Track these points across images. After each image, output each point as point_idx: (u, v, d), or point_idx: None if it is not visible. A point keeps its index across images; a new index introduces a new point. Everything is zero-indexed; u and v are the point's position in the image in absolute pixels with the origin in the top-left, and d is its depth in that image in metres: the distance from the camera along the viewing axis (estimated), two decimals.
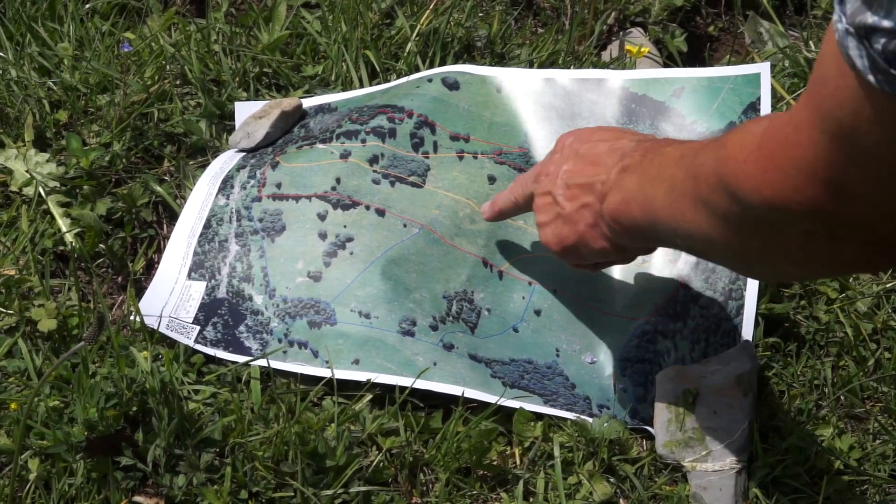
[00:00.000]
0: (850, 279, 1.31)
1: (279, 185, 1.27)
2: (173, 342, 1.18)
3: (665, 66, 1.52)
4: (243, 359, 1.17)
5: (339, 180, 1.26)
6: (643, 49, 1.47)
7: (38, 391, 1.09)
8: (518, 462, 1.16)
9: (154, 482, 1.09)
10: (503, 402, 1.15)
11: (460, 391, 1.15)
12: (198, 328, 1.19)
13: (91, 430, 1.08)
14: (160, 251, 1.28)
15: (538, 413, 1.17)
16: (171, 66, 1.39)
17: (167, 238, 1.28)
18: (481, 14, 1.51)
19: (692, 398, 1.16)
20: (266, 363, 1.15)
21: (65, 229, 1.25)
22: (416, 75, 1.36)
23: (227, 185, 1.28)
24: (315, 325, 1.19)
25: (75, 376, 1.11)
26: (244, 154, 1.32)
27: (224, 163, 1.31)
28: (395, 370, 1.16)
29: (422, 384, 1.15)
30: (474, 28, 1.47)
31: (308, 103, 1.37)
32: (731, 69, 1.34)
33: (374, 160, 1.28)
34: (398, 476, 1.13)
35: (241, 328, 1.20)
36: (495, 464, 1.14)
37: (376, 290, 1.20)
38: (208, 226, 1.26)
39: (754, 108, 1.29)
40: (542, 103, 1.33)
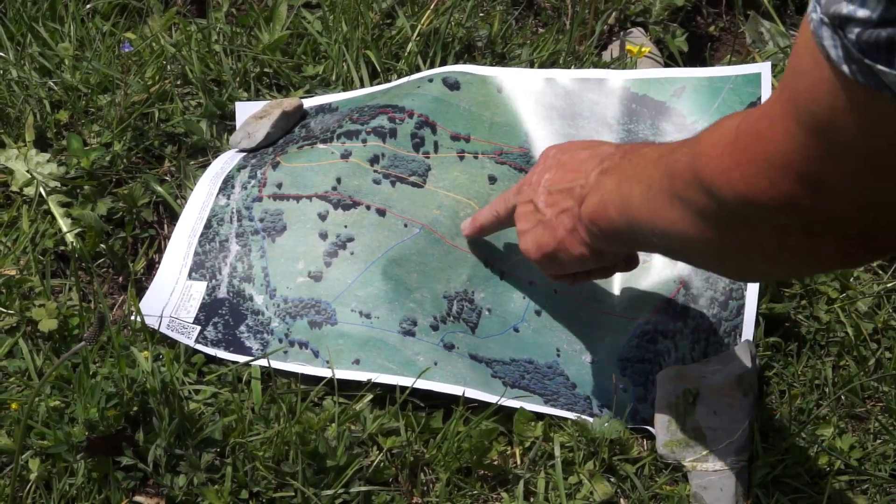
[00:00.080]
0: (851, 279, 1.31)
1: (280, 185, 1.27)
2: (174, 342, 1.18)
3: (666, 65, 1.52)
4: (244, 359, 1.17)
5: (339, 180, 1.26)
6: (644, 49, 1.47)
7: (39, 391, 1.09)
8: (519, 462, 1.16)
9: (155, 482, 1.09)
10: (504, 402, 1.15)
11: (461, 391, 1.15)
12: (198, 328, 1.19)
13: (92, 430, 1.08)
14: (161, 251, 1.28)
15: (539, 413, 1.17)
16: (172, 66, 1.39)
17: (168, 238, 1.28)
18: (482, 14, 1.51)
19: (692, 398, 1.16)
20: (267, 363, 1.15)
21: (65, 229, 1.25)
22: (417, 75, 1.36)
23: (227, 185, 1.28)
24: (316, 325, 1.19)
25: (76, 376, 1.11)
26: (245, 154, 1.32)
27: (225, 163, 1.31)
28: (396, 370, 1.16)
29: (422, 384, 1.15)
30: (475, 28, 1.47)
31: (309, 103, 1.37)
32: (731, 69, 1.34)
33: (374, 160, 1.28)
34: (399, 476, 1.13)
35: (242, 328, 1.20)
36: (496, 464, 1.14)
37: (377, 290, 1.20)
38: (209, 226, 1.26)
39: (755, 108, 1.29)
40: (543, 103, 1.33)
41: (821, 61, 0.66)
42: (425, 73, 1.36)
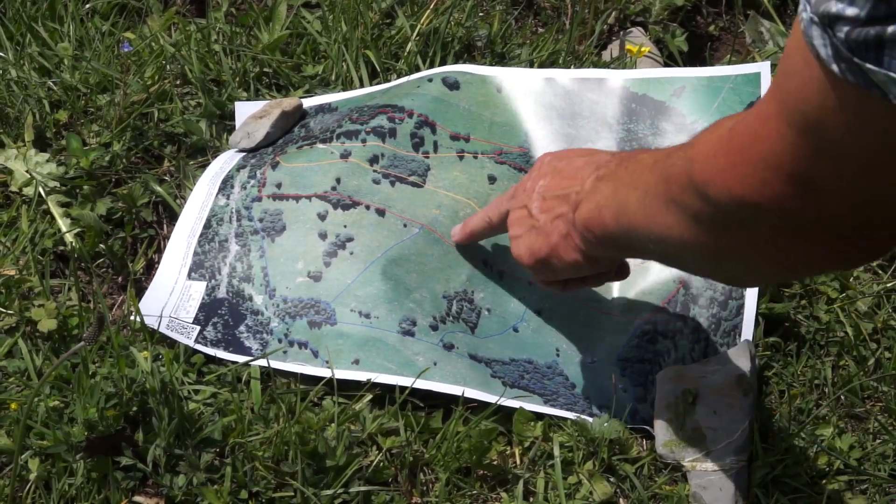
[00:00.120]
0: (850, 279, 1.31)
1: (279, 185, 1.27)
2: (173, 342, 1.18)
3: (665, 65, 1.52)
4: (243, 359, 1.17)
5: (339, 180, 1.26)
6: (644, 49, 1.47)
7: (38, 391, 1.09)
8: (518, 462, 1.16)
9: (154, 482, 1.09)
10: (503, 401, 1.15)
11: (460, 391, 1.15)
12: (198, 328, 1.19)
13: (91, 430, 1.08)
14: (160, 251, 1.28)
15: (538, 413, 1.17)
16: (172, 65, 1.39)
17: (167, 238, 1.28)
18: (481, 14, 1.51)
19: (692, 398, 1.16)
20: (266, 363, 1.15)
21: (65, 229, 1.25)
22: (417, 75, 1.36)
23: (227, 185, 1.28)
24: (315, 325, 1.19)
25: (75, 376, 1.11)
26: (244, 154, 1.32)
27: (224, 163, 1.31)
28: (396, 370, 1.16)
29: (422, 384, 1.15)
30: (475, 28, 1.47)
31: (308, 103, 1.37)
32: (731, 69, 1.34)
33: (374, 160, 1.28)
34: (398, 476, 1.13)
35: (242, 328, 1.20)
36: (495, 463, 1.14)
37: (376, 290, 1.20)
38: (208, 226, 1.26)
39: None
40: (543, 103, 1.33)
41: (811, 61, 0.66)
42: (425, 72, 1.36)
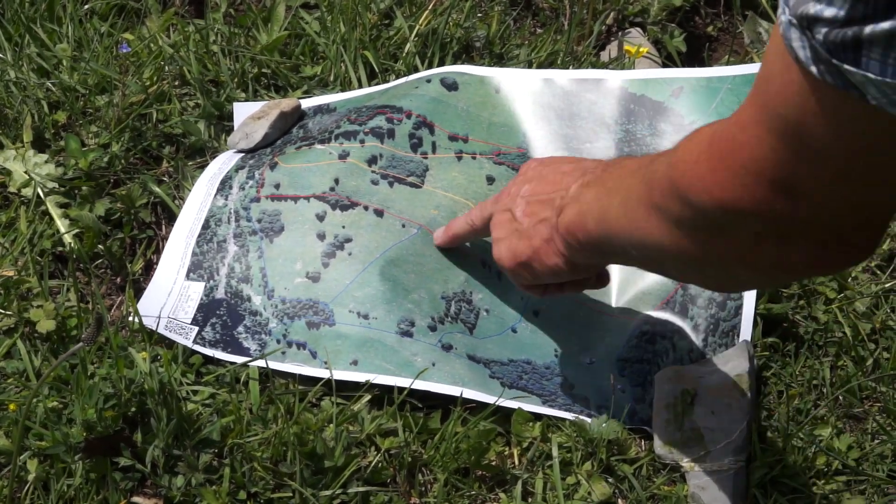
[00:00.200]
0: (849, 279, 1.31)
1: (278, 186, 1.27)
2: (172, 343, 1.18)
3: (664, 66, 1.52)
4: (242, 359, 1.17)
5: (337, 181, 1.26)
6: (642, 49, 1.47)
7: (37, 392, 1.09)
8: (517, 462, 1.16)
9: (153, 483, 1.09)
10: (502, 402, 1.15)
11: (459, 391, 1.15)
12: (196, 329, 1.19)
13: (90, 431, 1.08)
14: (159, 252, 1.28)
15: (537, 413, 1.17)
16: (170, 66, 1.39)
17: (166, 239, 1.28)
18: (480, 14, 1.51)
19: (690, 398, 1.16)
20: (264, 364, 1.15)
21: (63, 230, 1.25)
22: (415, 76, 1.36)
23: (225, 185, 1.28)
24: (313, 326, 1.19)
25: (74, 377, 1.11)
26: (243, 155, 1.32)
27: (223, 163, 1.31)
28: (394, 371, 1.16)
29: (420, 384, 1.15)
30: (473, 28, 1.47)
31: (307, 104, 1.37)
32: (729, 69, 1.34)
33: (372, 161, 1.28)
34: (397, 476, 1.13)
35: (240, 328, 1.20)
36: (494, 464, 1.14)
37: (375, 290, 1.20)
38: (206, 226, 1.26)
39: None
40: (541, 103, 1.33)
41: (790, 64, 0.66)
42: (423, 73, 1.36)
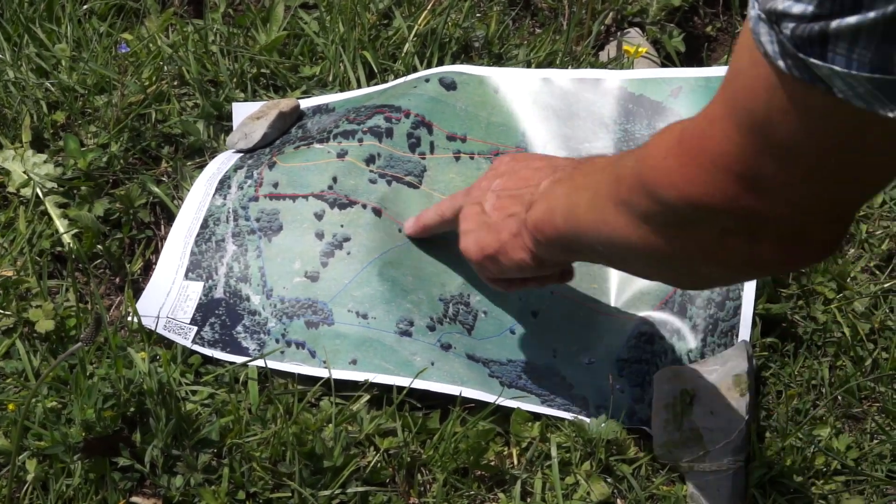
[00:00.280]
0: (847, 279, 1.31)
1: (276, 185, 1.27)
2: (171, 343, 1.18)
3: (663, 66, 1.52)
4: (241, 359, 1.17)
5: (335, 179, 1.26)
6: (641, 49, 1.47)
7: (36, 392, 1.09)
8: (515, 462, 1.16)
9: (152, 483, 1.09)
10: (501, 401, 1.15)
11: (458, 391, 1.15)
12: (195, 328, 1.19)
13: (89, 431, 1.08)
14: (157, 252, 1.28)
15: (536, 413, 1.17)
16: (169, 66, 1.39)
17: (165, 239, 1.28)
18: (479, 14, 1.51)
19: (689, 398, 1.16)
20: (263, 363, 1.15)
21: (62, 230, 1.25)
22: (414, 75, 1.36)
23: (224, 185, 1.28)
24: (312, 326, 1.19)
25: (73, 377, 1.11)
26: (242, 154, 1.32)
27: (221, 163, 1.31)
28: (393, 370, 1.16)
29: (419, 384, 1.15)
30: (472, 28, 1.47)
31: (306, 104, 1.37)
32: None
33: (370, 160, 1.28)
34: (395, 476, 1.13)
35: (239, 328, 1.20)
36: (493, 464, 1.14)
37: (374, 290, 1.20)
38: (205, 226, 1.26)
39: None
40: (540, 103, 1.33)
41: (758, 59, 0.66)
42: (422, 73, 1.36)
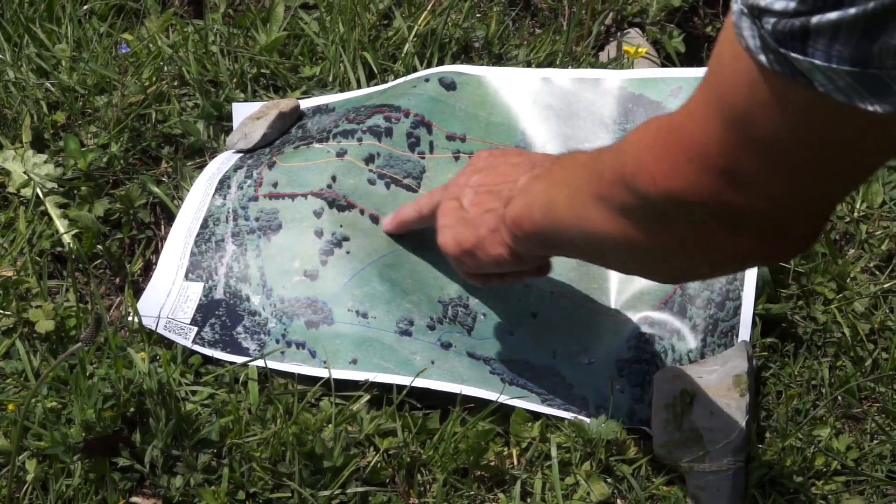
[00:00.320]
0: (847, 279, 1.31)
1: (275, 185, 1.27)
2: (171, 343, 1.18)
3: (663, 66, 1.52)
4: (241, 359, 1.17)
5: (334, 178, 1.26)
6: (641, 49, 1.47)
7: (36, 392, 1.09)
8: (515, 462, 1.16)
9: (151, 483, 1.09)
10: (502, 399, 1.15)
11: (458, 389, 1.15)
12: (195, 329, 1.19)
13: (89, 431, 1.08)
14: (158, 252, 1.28)
15: (536, 413, 1.17)
16: (169, 67, 1.39)
17: (165, 239, 1.28)
18: (479, 15, 1.51)
19: (689, 399, 1.16)
20: (264, 363, 1.15)
21: (62, 230, 1.25)
22: (413, 75, 1.36)
23: (223, 185, 1.28)
24: (313, 325, 1.19)
25: (73, 377, 1.11)
26: (241, 155, 1.32)
27: (221, 164, 1.31)
28: (393, 369, 1.16)
29: (420, 383, 1.15)
30: (472, 29, 1.47)
31: (306, 104, 1.37)
32: None
33: (369, 159, 1.28)
34: (395, 477, 1.13)
35: (239, 328, 1.20)
36: (493, 464, 1.14)
37: (373, 290, 1.20)
38: (205, 226, 1.26)
39: None
40: (539, 103, 1.33)
41: (740, 53, 0.66)
42: (422, 73, 1.36)
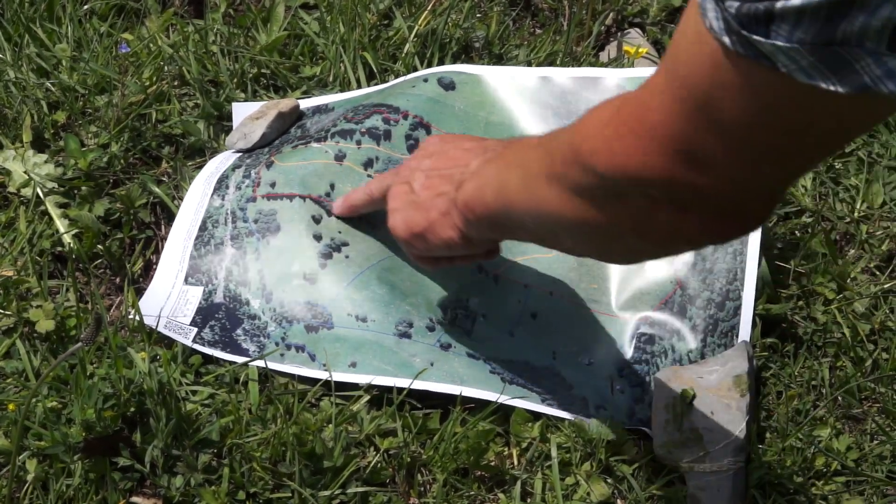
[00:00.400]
0: (848, 280, 1.31)
1: (273, 185, 1.26)
2: (171, 343, 1.18)
3: None
4: (241, 359, 1.17)
5: (333, 186, 1.26)
6: (641, 50, 1.47)
7: (36, 392, 1.09)
8: (515, 463, 1.16)
9: (152, 483, 1.09)
10: (503, 399, 1.15)
11: (458, 390, 1.15)
12: (195, 329, 1.19)
13: (89, 431, 1.08)
14: (158, 252, 1.28)
15: (536, 413, 1.17)
16: (169, 67, 1.39)
17: (165, 239, 1.28)
18: (479, 15, 1.51)
19: (689, 399, 1.16)
20: (264, 364, 1.15)
21: (63, 230, 1.25)
22: (412, 75, 1.36)
23: (222, 185, 1.28)
24: (312, 330, 1.18)
25: (73, 377, 1.11)
26: (240, 154, 1.32)
27: (219, 163, 1.31)
28: (393, 371, 1.16)
29: (419, 384, 1.15)
30: (472, 29, 1.46)
31: (305, 104, 1.37)
32: None
33: (368, 164, 1.28)
34: (396, 477, 1.13)
35: (239, 331, 1.19)
36: (493, 464, 1.14)
37: (372, 293, 1.20)
38: (204, 228, 1.25)
39: None
40: (539, 102, 1.33)
41: (704, 34, 0.66)
42: (421, 72, 1.36)
